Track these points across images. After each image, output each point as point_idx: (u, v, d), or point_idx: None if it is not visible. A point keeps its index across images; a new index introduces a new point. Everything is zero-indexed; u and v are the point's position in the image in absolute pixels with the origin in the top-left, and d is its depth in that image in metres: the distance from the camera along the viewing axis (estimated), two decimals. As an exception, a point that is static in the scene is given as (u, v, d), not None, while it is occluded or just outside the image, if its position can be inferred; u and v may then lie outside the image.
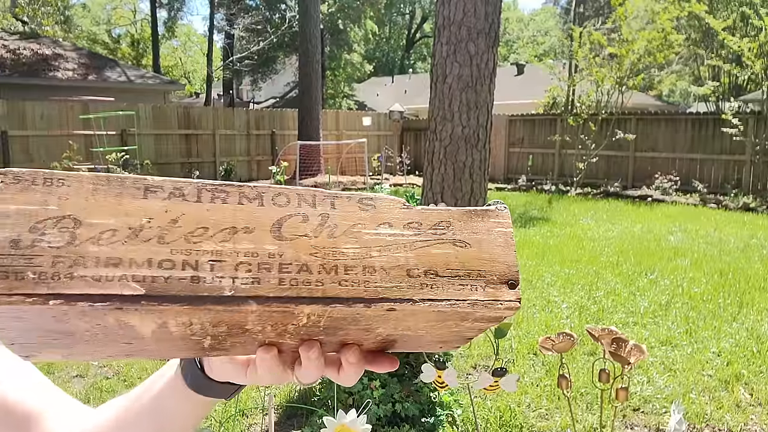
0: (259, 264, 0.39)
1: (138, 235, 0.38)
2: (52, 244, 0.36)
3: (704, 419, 2.84)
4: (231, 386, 0.55)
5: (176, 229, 0.39)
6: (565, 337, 1.92)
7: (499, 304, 0.42)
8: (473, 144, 4.74)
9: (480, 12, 4.59)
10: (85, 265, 0.36)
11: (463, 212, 0.45)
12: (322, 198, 0.42)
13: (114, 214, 0.38)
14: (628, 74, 12.25)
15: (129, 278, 0.37)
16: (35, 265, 0.36)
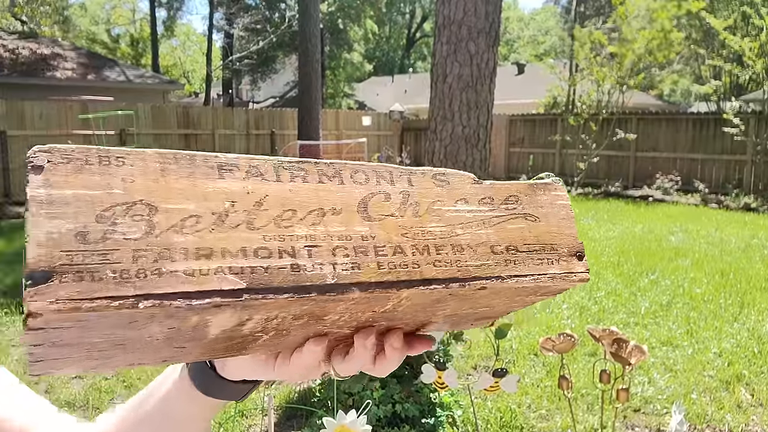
0: (354, 248, 0.37)
1: (224, 221, 0.34)
2: (128, 236, 0.32)
3: (705, 420, 2.83)
4: (244, 386, 0.52)
5: (263, 213, 0.35)
6: (566, 337, 1.91)
7: (573, 276, 0.42)
8: (473, 144, 4.73)
9: (480, 11, 4.58)
10: (173, 259, 0.32)
11: (528, 186, 0.45)
12: (399, 174, 0.41)
13: (191, 198, 0.34)
14: (628, 74, 12.25)
15: (226, 271, 0.33)
16: (113, 261, 0.31)
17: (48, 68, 15.17)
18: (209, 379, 0.51)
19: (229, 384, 0.51)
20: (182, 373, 0.52)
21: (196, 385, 0.51)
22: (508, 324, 1.89)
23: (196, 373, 0.51)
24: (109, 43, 32.45)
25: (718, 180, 11.89)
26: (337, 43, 28.46)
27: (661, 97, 26.00)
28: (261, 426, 2.77)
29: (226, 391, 0.51)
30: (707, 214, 9.66)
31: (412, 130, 17.24)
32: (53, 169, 0.32)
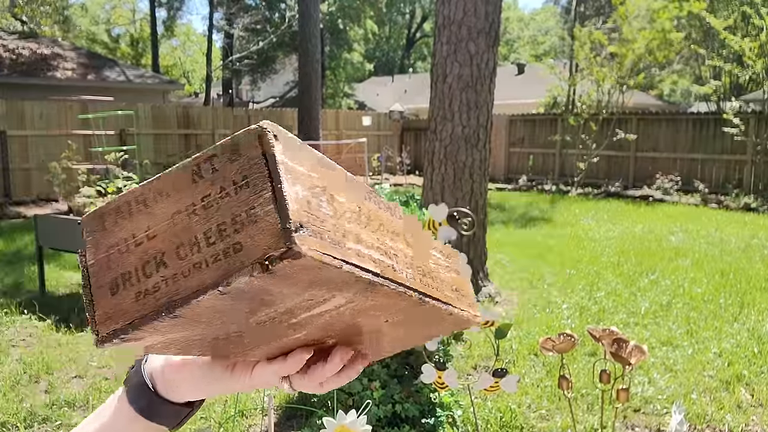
0: (406, 263, 0.47)
1: (359, 221, 0.42)
2: (329, 213, 0.39)
3: (705, 420, 2.83)
4: (186, 408, 0.50)
5: (371, 222, 0.44)
6: (566, 337, 1.91)
7: (476, 317, 0.58)
8: (473, 144, 4.73)
9: (480, 11, 4.57)
10: (348, 240, 0.39)
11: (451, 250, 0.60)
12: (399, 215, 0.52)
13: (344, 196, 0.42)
14: (628, 74, 12.25)
15: (372, 256, 0.42)
16: (326, 229, 0.37)
17: (48, 68, 15.16)
18: (151, 402, 0.49)
19: (172, 407, 0.49)
20: (121, 394, 0.50)
21: (135, 407, 0.49)
22: (508, 324, 1.89)
23: (136, 395, 0.49)
24: (109, 43, 32.45)
25: (718, 180, 11.89)
26: (337, 43, 28.46)
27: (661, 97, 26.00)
28: (261, 426, 2.78)
29: (168, 414, 0.49)
30: (707, 214, 9.66)
31: (412, 130, 17.24)
32: (285, 143, 0.38)
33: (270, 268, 0.35)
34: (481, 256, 4.95)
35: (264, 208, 0.36)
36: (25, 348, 3.75)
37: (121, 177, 4.56)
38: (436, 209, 1.92)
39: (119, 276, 0.39)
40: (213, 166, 0.39)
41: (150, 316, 0.38)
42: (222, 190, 0.38)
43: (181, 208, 0.39)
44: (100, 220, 0.41)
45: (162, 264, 0.38)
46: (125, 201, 0.41)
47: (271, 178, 0.37)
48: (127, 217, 0.40)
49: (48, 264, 5.63)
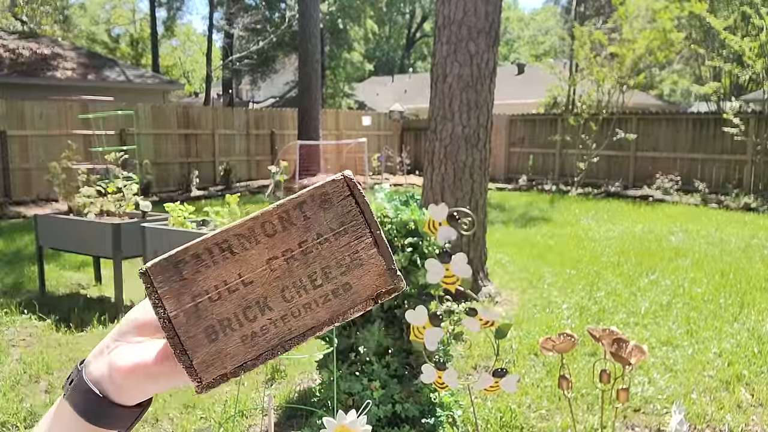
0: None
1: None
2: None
3: (705, 420, 2.82)
4: (136, 410, 0.48)
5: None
6: (566, 337, 1.91)
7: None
8: (473, 144, 4.73)
9: (480, 11, 4.57)
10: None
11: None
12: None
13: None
14: (629, 74, 12.24)
15: None
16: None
17: (48, 68, 15.16)
18: (101, 409, 0.46)
19: (123, 410, 0.47)
20: (61, 406, 0.48)
21: (85, 417, 0.47)
22: (508, 324, 1.89)
23: (84, 405, 0.47)
24: (109, 43, 32.44)
25: (718, 180, 11.88)
26: (337, 43, 28.45)
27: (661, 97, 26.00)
28: (261, 426, 2.77)
29: (121, 418, 0.48)
30: (707, 214, 9.66)
31: (412, 130, 17.24)
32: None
33: (377, 302, 0.42)
34: (481, 256, 4.95)
35: (367, 252, 0.42)
36: (25, 348, 3.75)
37: (121, 177, 4.56)
38: (436, 209, 1.92)
39: (216, 323, 0.41)
40: (304, 214, 0.42)
41: (264, 356, 0.41)
42: (319, 236, 0.42)
43: (276, 254, 0.42)
44: (176, 270, 0.41)
45: (267, 307, 0.41)
46: (205, 248, 0.41)
47: (368, 225, 0.42)
48: (211, 266, 0.41)
49: (48, 264, 5.63)
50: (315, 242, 0.42)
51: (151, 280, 0.41)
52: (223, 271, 0.41)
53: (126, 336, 0.48)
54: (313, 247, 0.42)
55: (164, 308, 0.41)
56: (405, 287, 0.41)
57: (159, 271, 0.41)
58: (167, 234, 3.76)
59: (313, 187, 0.42)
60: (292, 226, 0.42)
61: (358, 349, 2.42)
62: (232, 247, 0.41)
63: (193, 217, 3.97)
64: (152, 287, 0.41)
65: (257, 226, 0.42)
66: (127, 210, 4.54)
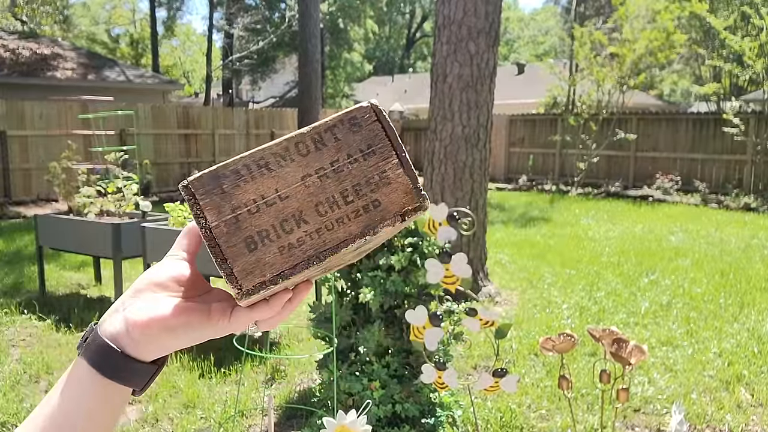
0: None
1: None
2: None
3: (705, 420, 2.82)
4: (151, 368, 0.48)
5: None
6: (566, 337, 1.91)
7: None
8: (473, 144, 4.73)
9: (480, 11, 4.57)
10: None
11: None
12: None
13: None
14: (629, 74, 12.24)
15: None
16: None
17: (48, 68, 15.16)
18: (119, 363, 0.46)
19: (141, 365, 0.47)
20: (77, 365, 0.47)
21: (101, 372, 0.46)
22: (508, 324, 1.89)
23: (100, 359, 0.46)
24: (109, 43, 32.44)
25: (718, 180, 11.89)
26: (337, 43, 28.45)
27: (661, 97, 25.99)
28: (261, 426, 2.77)
29: (138, 373, 0.47)
30: (707, 214, 9.66)
31: (412, 130, 17.23)
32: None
33: (405, 219, 0.44)
34: (481, 256, 4.95)
35: (394, 172, 0.45)
36: (25, 348, 3.75)
37: (121, 177, 4.56)
38: (436, 209, 1.92)
39: (255, 234, 0.44)
40: (335, 136, 0.45)
41: (301, 265, 0.44)
42: (350, 157, 0.45)
43: (310, 172, 0.44)
44: (217, 183, 0.44)
45: (302, 221, 0.44)
46: (244, 164, 0.44)
47: (394, 147, 0.45)
48: (249, 180, 0.44)
49: (48, 264, 5.63)
50: (346, 161, 0.45)
51: (193, 192, 0.44)
52: (260, 185, 0.44)
53: (141, 293, 0.48)
54: (344, 166, 0.45)
55: (206, 219, 0.43)
56: (429, 206, 0.45)
57: (200, 184, 0.44)
58: (167, 234, 3.76)
59: (343, 113, 0.45)
60: (324, 147, 0.45)
61: (358, 349, 2.42)
62: (269, 164, 0.44)
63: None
64: (194, 199, 0.44)
65: (292, 146, 0.45)
66: (127, 210, 4.54)
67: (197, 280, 0.51)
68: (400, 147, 0.45)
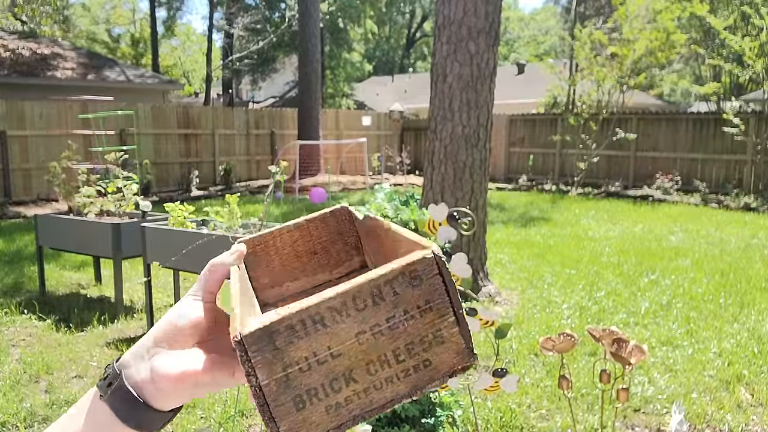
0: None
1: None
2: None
3: (705, 420, 2.82)
4: (170, 415, 0.50)
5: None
6: (566, 337, 1.91)
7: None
8: (473, 143, 4.73)
9: (480, 11, 4.57)
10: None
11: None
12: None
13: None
14: (629, 74, 12.24)
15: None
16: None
17: (48, 68, 15.16)
18: (140, 413, 0.47)
19: (161, 414, 0.48)
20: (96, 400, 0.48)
21: (121, 418, 0.47)
22: (508, 324, 1.89)
23: (122, 406, 0.47)
24: (109, 42, 32.45)
25: (718, 180, 11.89)
26: (337, 43, 28.44)
27: (661, 96, 26.00)
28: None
29: (157, 421, 0.49)
30: (707, 213, 9.66)
31: (412, 129, 17.24)
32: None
33: (452, 377, 0.44)
34: (481, 256, 4.95)
35: (449, 330, 0.43)
36: (25, 348, 3.75)
37: (121, 177, 4.56)
38: (436, 209, 1.92)
39: (304, 393, 0.42)
40: (394, 290, 0.43)
41: (345, 425, 0.43)
42: (406, 313, 0.43)
43: (365, 329, 0.43)
44: (270, 339, 0.42)
45: (352, 379, 0.43)
46: (299, 320, 0.42)
47: (452, 304, 0.44)
48: (303, 337, 0.42)
49: (48, 264, 5.63)
50: (402, 318, 0.43)
51: (246, 348, 0.41)
52: (314, 342, 0.42)
53: (166, 342, 0.48)
54: (399, 323, 0.43)
55: (256, 377, 0.42)
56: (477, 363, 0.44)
57: (253, 340, 0.41)
58: (167, 234, 3.76)
59: (405, 263, 0.43)
60: (381, 302, 0.43)
61: (358, 349, 2.42)
62: (325, 319, 0.42)
63: (193, 217, 3.97)
64: (246, 356, 0.41)
65: (349, 300, 0.43)
66: (127, 210, 4.54)
67: (215, 323, 0.52)
68: (458, 303, 0.44)
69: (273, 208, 9.44)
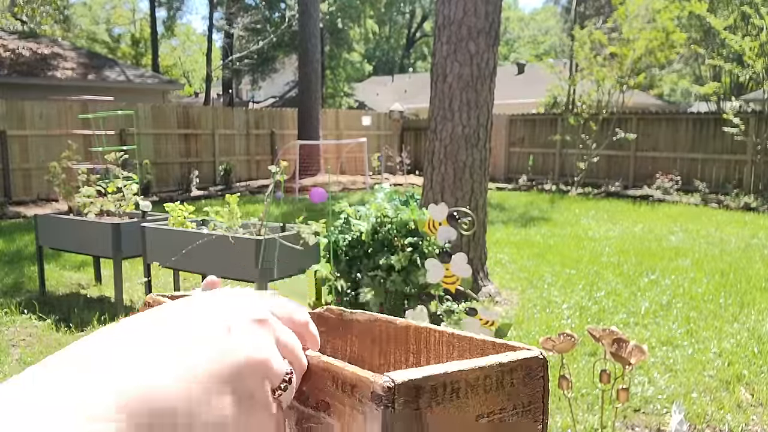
0: None
1: None
2: None
3: (705, 420, 2.82)
4: None
5: None
6: (566, 337, 1.91)
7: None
8: (473, 143, 4.73)
9: (480, 11, 4.57)
10: None
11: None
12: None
13: None
14: (629, 73, 12.25)
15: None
16: None
17: (48, 68, 15.17)
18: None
19: None
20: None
21: None
22: (508, 324, 1.89)
23: None
24: (110, 42, 32.47)
25: (718, 180, 11.89)
26: (337, 43, 28.45)
27: (661, 96, 26.00)
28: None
29: None
30: (707, 213, 9.66)
31: (412, 129, 17.24)
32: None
33: None
34: (481, 256, 4.95)
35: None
36: (25, 348, 3.75)
37: (121, 177, 4.56)
38: (436, 209, 1.92)
39: None
40: (512, 381, 0.41)
41: None
42: (514, 408, 0.41)
43: (484, 412, 0.40)
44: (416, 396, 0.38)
45: None
46: (442, 383, 0.39)
47: (543, 411, 0.42)
48: (438, 405, 0.39)
49: (48, 264, 5.63)
50: (511, 412, 0.41)
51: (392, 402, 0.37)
52: (444, 414, 0.39)
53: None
54: (508, 417, 0.41)
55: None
56: None
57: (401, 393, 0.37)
58: (167, 234, 3.76)
59: (523, 358, 0.42)
60: (501, 390, 0.41)
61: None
62: (459, 391, 0.39)
63: (193, 217, 3.97)
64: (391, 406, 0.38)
65: (482, 377, 0.40)
66: (127, 210, 4.55)
67: None
68: (547, 412, 0.42)
69: (273, 208, 9.44)
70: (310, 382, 0.39)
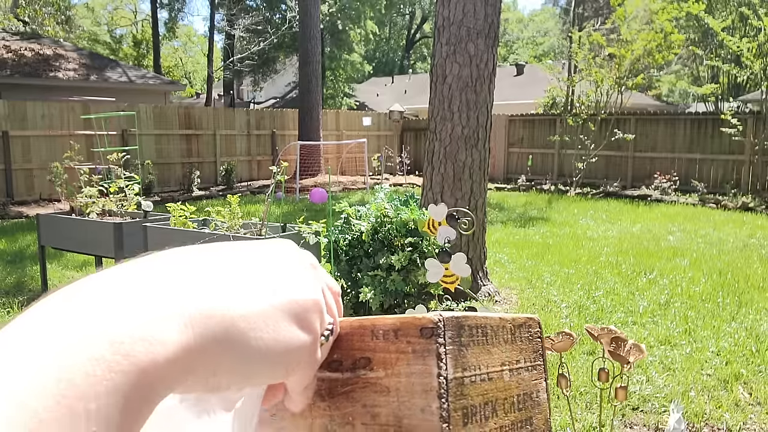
0: None
1: None
2: None
3: (703, 418, 2.85)
4: None
5: None
6: (565, 336, 1.93)
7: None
8: (473, 144, 4.75)
9: (480, 12, 4.60)
10: None
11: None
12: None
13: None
14: (627, 74, 12.27)
15: None
16: None
17: (50, 69, 15.19)
18: None
19: None
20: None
21: None
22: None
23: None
24: (111, 43, 32.49)
25: (716, 180, 11.91)
26: (337, 44, 28.46)
27: (659, 97, 26.00)
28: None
29: None
30: (705, 213, 9.68)
31: (412, 130, 17.26)
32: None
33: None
34: (481, 256, 4.98)
35: (541, 396, 0.44)
36: (29, 347, 3.77)
37: (123, 177, 4.59)
38: (435, 209, 1.94)
39: (469, 407, 0.38)
40: (520, 337, 0.43)
41: None
42: (526, 362, 0.43)
43: (505, 361, 0.41)
44: (459, 333, 0.38)
45: (494, 412, 0.39)
46: (477, 324, 0.39)
47: (545, 373, 0.44)
48: (473, 345, 0.39)
49: (50, 263, 5.66)
50: (525, 365, 0.43)
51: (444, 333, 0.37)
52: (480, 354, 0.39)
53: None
54: (523, 370, 0.43)
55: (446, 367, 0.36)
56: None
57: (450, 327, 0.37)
58: (169, 234, 3.79)
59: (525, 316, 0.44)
60: (514, 343, 0.42)
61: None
62: (488, 337, 0.40)
63: (195, 217, 4.00)
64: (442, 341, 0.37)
65: (499, 328, 0.41)
66: (129, 210, 4.57)
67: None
68: (546, 371, 0.44)
69: (274, 208, 9.47)
70: (344, 345, 0.39)
